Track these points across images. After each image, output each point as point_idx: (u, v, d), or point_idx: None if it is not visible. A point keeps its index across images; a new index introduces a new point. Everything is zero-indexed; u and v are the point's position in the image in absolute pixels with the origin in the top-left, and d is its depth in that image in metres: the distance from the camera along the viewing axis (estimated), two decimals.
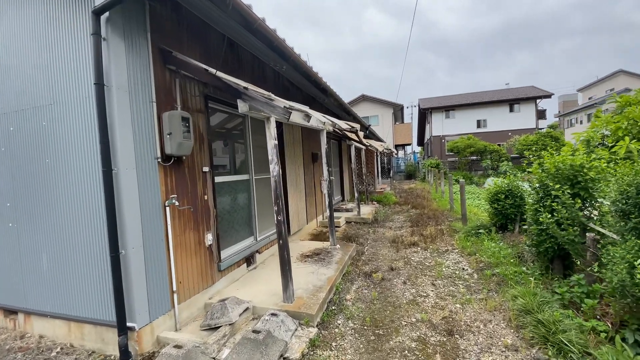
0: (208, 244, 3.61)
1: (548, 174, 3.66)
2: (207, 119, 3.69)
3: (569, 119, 45.58)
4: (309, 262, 4.65)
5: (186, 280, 3.27)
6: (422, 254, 5.56)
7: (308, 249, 5.26)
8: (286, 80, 6.07)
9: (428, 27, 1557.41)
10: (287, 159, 5.76)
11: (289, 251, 3.41)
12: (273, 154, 3.31)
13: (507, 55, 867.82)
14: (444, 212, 9.06)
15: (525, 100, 27.39)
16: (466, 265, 4.85)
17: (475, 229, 6.37)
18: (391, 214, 9.65)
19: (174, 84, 3.24)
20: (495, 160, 21.37)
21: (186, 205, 3.28)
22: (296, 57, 4.55)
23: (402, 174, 29.19)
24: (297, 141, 6.39)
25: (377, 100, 29.67)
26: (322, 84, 5.93)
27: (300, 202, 6.38)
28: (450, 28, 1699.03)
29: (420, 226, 7.53)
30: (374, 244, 6.34)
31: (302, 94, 7.03)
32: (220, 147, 4.31)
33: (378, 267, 4.92)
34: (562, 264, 3.95)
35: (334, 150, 10.35)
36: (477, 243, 5.75)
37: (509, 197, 5.76)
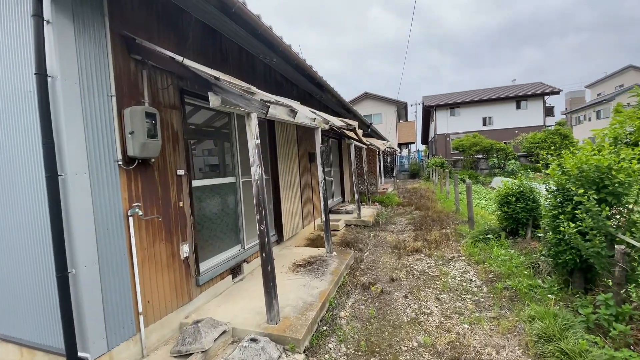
0: (184, 256, 3.22)
1: (570, 176, 3.21)
2: (182, 116, 3.30)
3: (576, 116, 44.63)
4: (301, 273, 4.25)
5: (156, 298, 2.88)
6: (426, 261, 5.13)
7: (302, 257, 4.86)
8: (279, 75, 5.66)
9: (432, 24, 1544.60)
10: (280, 159, 5.36)
11: (273, 265, 3.01)
12: (255, 155, 2.91)
13: (513, 52, 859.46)
14: (449, 214, 8.61)
15: (533, 97, 26.70)
16: (474, 276, 4.41)
17: (483, 233, 5.92)
18: (393, 215, 9.22)
19: (141, 76, 2.84)
20: (502, 158, 20.78)
21: (155, 214, 2.89)
22: (286, 48, 4.14)
23: (406, 173, 28.66)
24: (292, 140, 5.99)
25: (380, 98, 29.16)
26: (317, 78, 5.51)
27: (295, 204, 5.98)
28: (455, 25, 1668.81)
29: (424, 230, 7.09)
30: (374, 250, 5.92)
31: (298, 90, 6.62)
32: (202, 147, 3.93)
33: (377, 278, 4.50)
34: (583, 277, 3.51)
35: (334, 150, 9.93)
36: (486, 250, 5.31)
37: (521, 200, 5.30)
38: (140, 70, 2.84)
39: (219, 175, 4.07)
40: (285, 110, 2.88)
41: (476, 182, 19.30)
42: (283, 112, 2.88)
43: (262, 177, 2.96)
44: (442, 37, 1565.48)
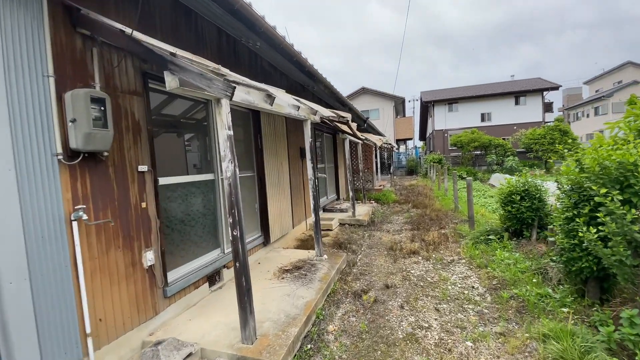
0: (147, 264, 2.81)
1: (590, 173, 2.81)
2: (146, 103, 2.87)
3: (574, 113, 44.44)
4: (287, 280, 3.85)
5: (111, 316, 2.47)
6: (424, 265, 4.75)
7: (289, 261, 4.46)
8: (266, 63, 5.22)
9: (431, 21, 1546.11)
10: (266, 154, 4.93)
11: (248, 276, 2.60)
12: (226, 148, 2.49)
13: (510, 49, 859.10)
14: (448, 212, 8.24)
15: (532, 93, 26.36)
16: (476, 282, 4.04)
17: (485, 234, 5.55)
18: (390, 214, 8.84)
19: (91, 54, 2.41)
20: (501, 155, 20.46)
21: (108, 217, 2.47)
22: (268, 29, 3.71)
23: (404, 170, 28.31)
24: (281, 134, 5.56)
25: (377, 93, 28.71)
26: (307, 66, 5.08)
27: (284, 203, 5.57)
28: (453, 22, 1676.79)
29: (421, 230, 6.71)
30: (368, 251, 5.54)
31: (288, 81, 6.18)
32: (175, 140, 3.50)
33: (371, 284, 4.12)
34: (598, 286, 3.14)
35: (328, 145, 9.52)
36: (488, 252, 4.94)
37: (525, 199, 4.92)
38: (89, 48, 2.41)
39: (196, 171, 3.65)
40: (260, 95, 2.45)
41: (474, 179, 18.98)
42: (258, 97, 2.46)
43: (236, 175, 2.54)
44: (440, 33, 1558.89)
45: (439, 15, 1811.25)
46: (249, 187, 4.73)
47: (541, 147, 19.03)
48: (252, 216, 4.78)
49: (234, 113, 4.34)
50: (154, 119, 3.14)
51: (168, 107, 3.46)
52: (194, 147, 3.73)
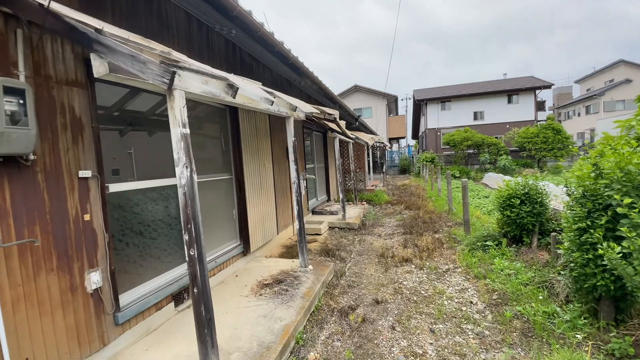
0: (92, 288, 2.37)
1: (610, 179, 2.45)
2: (90, 96, 2.42)
3: (565, 112, 44.76)
4: (265, 297, 3.44)
5: (41, 352, 2.03)
6: (417, 275, 4.38)
7: (269, 274, 4.05)
8: (246, 55, 4.77)
9: (423, 19, 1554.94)
10: (246, 155, 4.50)
11: (209, 304, 2.18)
12: (180, 149, 2.06)
13: (502, 48, 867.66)
14: (442, 214, 7.90)
15: (524, 91, 26.26)
16: (474, 296, 3.68)
17: (481, 239, 5.21)
18: (382, 216, 8.47)
19: (14, 36, 1.95)
20: (494, 154, 20.28)
21: (35, 234, 2.02)
22: (243, 14, 3.27)
23: (396, 169, 28.07)
24: (264, 133, 5.13)
25: (370, 91, 28.36)
26: (291, 58, 4.65)
27: (268, 208, 5.14)
28: (445, 20, 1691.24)
29: (414, 234, 6.35)
30: (358, 259, 5.15)
31: (273, 75, 5.74)
32: (133, 140, 3.05)
33: (360, 299, 3.73)
34: (613, 306, 2.80)
35: (318, 144, 9.10)
36: (486, 260, 4.59)
37: (526, 203, 4.58)
38: (11, 29, 1.95)
39: (158, 175, 3.20)
40: (220, 85, 2.02)
41: (467, 178, 18.77)
42: (218, 87, 2.03)
43: (192, 182, 2.12)
44: (432, 32, 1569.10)
45: (431, 13, 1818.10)
46: (226, 191, 4.29)
47: (534, 146, 18.89)
48: (230, 223, 4.34)
49: (207, 109, 3.90)
50: (105, 115, 2.69)
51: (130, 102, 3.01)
52: (159, 148, 3.28)
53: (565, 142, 18.80)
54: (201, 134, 3.91)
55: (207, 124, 4.04)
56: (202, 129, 3.95)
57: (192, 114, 3.72)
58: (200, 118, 3.89)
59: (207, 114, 4.00)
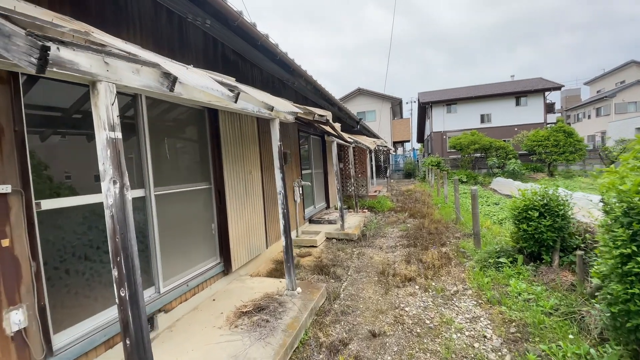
0: (13, 329, 1.89)
1: None
2: (11, 92, 1.95)
3: (575, 114, 43.81)
4: (241, 329, 2.93)
5: None
6: (422, 298, 3.84)
7: (250, 298, 3.54)
8: (229, 51, 4.31)
9: (427, 23, 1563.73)
10: (227, 162, 4.02)
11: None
12: (106, 159, 1.59)
13: (507, 51, 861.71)
14: (449, 224, 7.33)
15: (533, 93, 25.55)
16: (488, 327, 3.13)
17: (494, 255, 4.65)
18: (384, 225, 7.93)
19: None
20: (502, 157, 19.57)
21: None
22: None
23: (401, 173, 27.44)
24: (250, 137, 4.65)
25: (374, 94, 27.88)
26: (278, 54, 4.18)
27: (255, 220, 4.65)
28: (449, 24, 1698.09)
29: (418, 246, 5.81)
30: (355, 277, 4.62)
31: (262, 74, 5.28)
32: (79, 145, 2.58)
33: (354, 330, 3.20)
34: None
35: (316, 149, 8.61)
36: (499, 280, 4.04)
37: (546, 216, 4.02)
38: None
39: None
40: (154, 75, 1.54)
41: (475, 183, 18.11)
42: (150, 77, 1.54)
43: (124, 202, 1.63)
44: (436, 35, 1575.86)
45: (435, 17, 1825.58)
46: (204, 202, 3.81)
47: (545, 149, 18.17)
48: (208, 239, 3.85)
49: (182, 110, 3.44)
50: (38, 116, 2.23)
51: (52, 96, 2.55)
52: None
53: (577, 145, 18.05)
54: (174, 138, 3.44)
55: (182, 128, 3.58)
56: (176, 133, 3.49)
57: (162, 117, 3.26)
58: (173, 121, 3.42)
59: (181, 117, 3.54)
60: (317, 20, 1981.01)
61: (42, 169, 2.22)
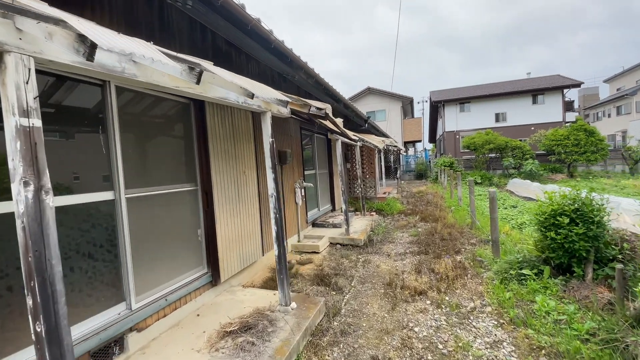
0: None
1: None
2: None
3: (594, 113, 42.20)
4: (221, 354, 2.53)
5: None
6: (433, 316, 3.37)
7: (239, 314, 3.14)
8: (221, 40, 3.94)
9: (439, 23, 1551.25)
10: (216, 160, 3.64)
11: None
12: (16, 154, 1.21)
13: (521, 51, 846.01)
14: (463, 229, 6.81)
15: (551, 91, 24.52)
16: (513, 357, 2.65)
17: (515, 265, 4.14)
18: (393, 229, 7.44)
19: None
20: (519, 158, 18.74)
21: None
22: None
23: (412, 174, 26.75)
24: (244, 133, 4.27)
25: (384, 93, 27.29)
26: (273, 41, 3.78)
27: (249, 224, 4.26)
28: (462, 24, 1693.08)
29: (430, 253, 5.32)
30: (359, 289, 4.18)
31: (259, 67, 4.90)
32: None
33: (353, 356, 2.77)
34: None
35: (321, 148, 8.19)
36: (523, 296, 3.54)
37: (578, 222, 3.51)
38: None
39: (76, 189, 2.37)
40: (65, 38, 1.16)
41: (489, 184, 17.37)
42: (61, 41, 1.16)
43: (40, 209, 1.25)
44: (448, 35, 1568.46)
45: (447, 17, 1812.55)
46: (189, 206, 3.44)
47: (564, 149, 17.28)
48: (193, 247, 3.48)
49: (163, 103, 3.07)
50: None
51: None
52: (81, 152, 2.47)
53: (599, 144, 17.12)
54: (153, 134, 3.08)
55: (163, 122, 3.21)
56: (155, 128, 3.12)
57: (138, 109, 2.90)
58: (151, 114, 3.06)
59: (161, 110, 3.18)
60: (328, 21, 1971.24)
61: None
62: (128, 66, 1.61)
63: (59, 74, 2.22)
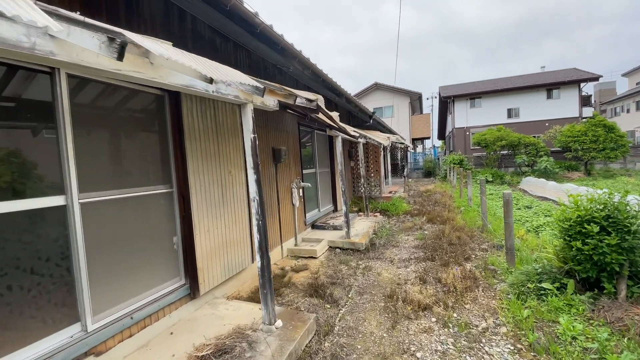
0: None
1: None
2: None
3: (612, 108, 40.75)
4: None
5: None
6: (439, 337, 2.95)
7: (216, 333, 2.77)
8: (204, 26, 3.55)
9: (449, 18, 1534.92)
10: (193, 159, 3.26)
11: None
12: None
13: (534, 46, 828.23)
14: (474, 232, 6.32)
15: (567, 85, 23.53)
16: None
17: (534, 278, 3.66)
18: (398, 231, 6.99)
19: None
20: (532, 155, 17.97)
21: None
22: None
23: (420, 172, 26.09)
24: (229, 129, 3.88)
25: (391, 88, 26.65)
26: (259, 25, 3.36)
27: (235, 229, 3.89)
28: (472, 19, 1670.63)
29: (437, 260, 4.87)
30: (357, 301, 3.77)
31: (250, 57, 4.49)
32: None
33: None
34: None
35: (322, 146, 7.77)
36: (544, 315, 3.08)
37: (609, 231, 3.03)
38: None
39: (16, 194, 2.02)
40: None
41: (501, 183, 16.70)
42: None
43: None
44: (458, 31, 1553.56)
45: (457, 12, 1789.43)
46: (164, 211, 3.08)
47: (582, 145, 16.46)
48: (168, 256, 3.11)
49: (131, 95, 2.70)
50: None
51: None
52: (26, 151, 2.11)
53: (619, 141, 16.26)
54: (117, 129, 2.71)
55: (131, 117, 2.84)
56: (119, 122, 2.75)
57: (98, 101, 2.53)
58: (115, 107, 2.69)
59: (130, 103, 2.81)
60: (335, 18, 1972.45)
61: None
62: (41, 41, 1.24)
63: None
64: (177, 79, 1.92)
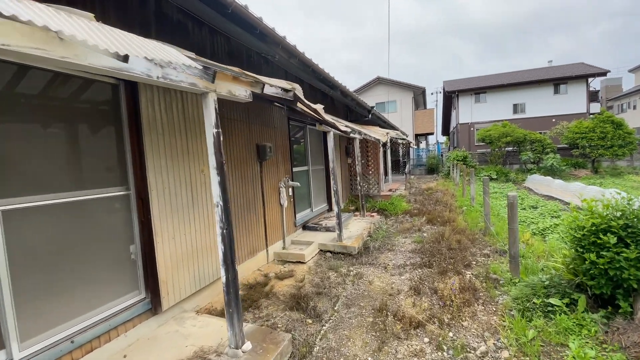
0: None
1: None
2: None
3: (618, 104, 39.89)
4: None
5: None
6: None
7: (176, 357, 2.41)
8: (170, 6, 3.16)
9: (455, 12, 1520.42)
10: (154, 156, 2.88)
11: None
12: None
13: (540, 43, 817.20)
14: (475, 235, 5.92)
15: (574, 80, 22.81)
16: None
17: (540, 291, 3.28)
18: (395, 233, 6.61)
19: None
20: (538, 152, 17.42)
21: None
22: None
23: (423, 168, 25.58)
24: (198, 122, 3.49)
25: (394, 83, 26.05)
26: (230, 4, 2.94)
27: (209, 234, 3.52)
28: (478, 13, 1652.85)
29: (435, 267, 4.49)
30: (342, 315, 3.40)
31: (230, 44, 4.09)
32: None
33: None
34: None
35: (315, 142, 7.37)
36: (551, 337, 2.70)
37: (628, 243, 2.62)
38: None
39: None
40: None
41: (506, 180, 16.21)
42: None
43: None
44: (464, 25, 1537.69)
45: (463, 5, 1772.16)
46: (120, 215, 2.71)
47: (589, 142, 15.91)
48: (124, 268, 2.76)
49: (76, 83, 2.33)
50: None
51: None
52: None
53: (627, 138, 15.69)
54: (58, 124, 2.34)
55: (75, 109, 2.46)
56: (66, 116, 2.38)
57: (28, 89, 2.16)
58: (55, 98, 2.32)
59: (74, 92, 2.43)
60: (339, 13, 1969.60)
61: None
62: None
63: None
64: (100, 60, 1.53)
